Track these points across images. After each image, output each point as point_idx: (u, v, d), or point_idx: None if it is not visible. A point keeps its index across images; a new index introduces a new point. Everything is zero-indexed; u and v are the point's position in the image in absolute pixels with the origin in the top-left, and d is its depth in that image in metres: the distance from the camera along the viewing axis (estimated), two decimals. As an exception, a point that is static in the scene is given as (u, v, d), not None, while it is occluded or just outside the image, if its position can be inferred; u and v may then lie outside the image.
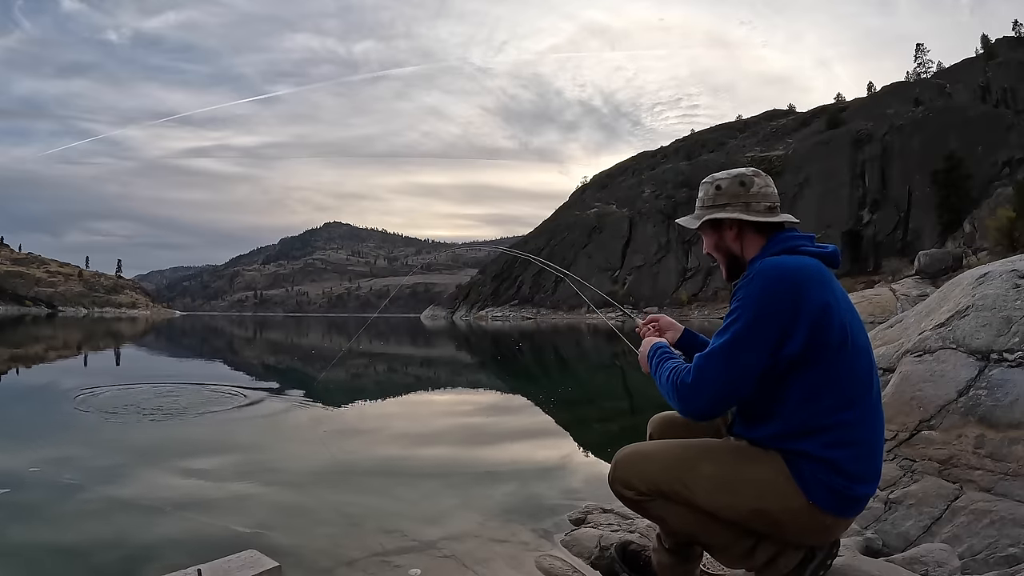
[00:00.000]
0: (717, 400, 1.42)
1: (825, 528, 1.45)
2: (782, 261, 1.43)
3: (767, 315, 1.37)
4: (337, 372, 10.39)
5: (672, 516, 1.54)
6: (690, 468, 1.49)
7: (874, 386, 1.46)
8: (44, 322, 38.81)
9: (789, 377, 1.40)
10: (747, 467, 1.46)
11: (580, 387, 8.93)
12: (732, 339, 1.39)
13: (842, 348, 1.39)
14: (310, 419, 4.99)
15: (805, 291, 1.38)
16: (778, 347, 1.37)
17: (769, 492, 1.43)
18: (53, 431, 4.34)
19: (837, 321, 1.39)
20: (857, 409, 1.41)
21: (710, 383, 1.41)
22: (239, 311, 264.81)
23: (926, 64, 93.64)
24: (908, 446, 2.23)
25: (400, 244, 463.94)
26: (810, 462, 1.40)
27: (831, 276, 1.47)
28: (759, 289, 1.39)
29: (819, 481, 1.39)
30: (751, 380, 1.40)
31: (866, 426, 1.43)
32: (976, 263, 22.14)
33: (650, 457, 1.56)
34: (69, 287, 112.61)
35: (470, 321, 73.41)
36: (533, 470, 3.69)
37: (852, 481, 1.40)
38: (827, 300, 1.39)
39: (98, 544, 2.33)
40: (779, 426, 1.44)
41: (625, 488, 1.55)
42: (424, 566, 2.15)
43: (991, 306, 2.34)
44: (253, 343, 20.55)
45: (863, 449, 1.42)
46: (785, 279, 1.39)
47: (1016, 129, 59.79)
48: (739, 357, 1.38)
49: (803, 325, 1.36)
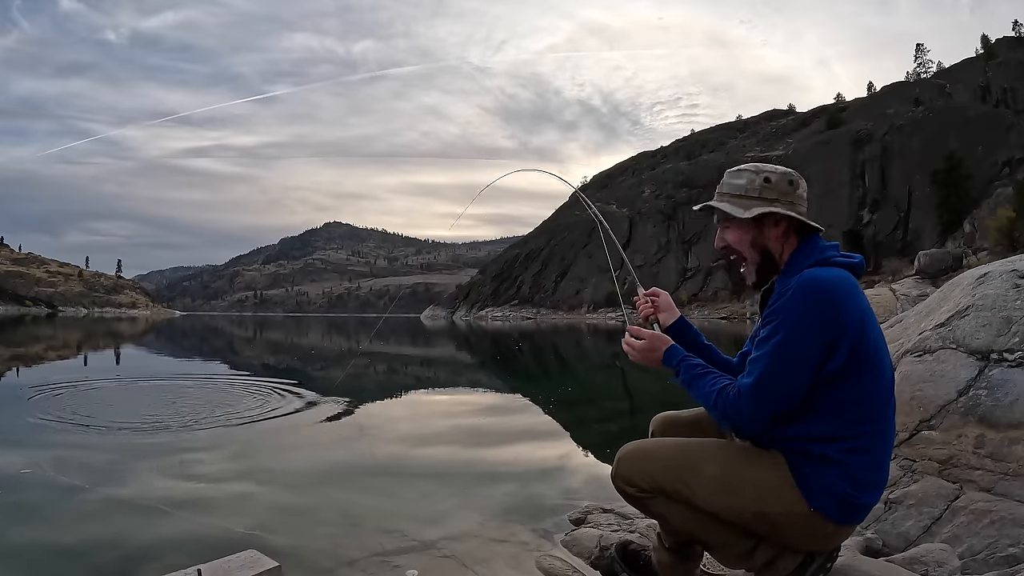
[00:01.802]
0: (769, 419, 1.40)
1: (826, 535, 1.45)
2: (822, 274, 1.39)
3: (813, 332, 1.34)
4: (337, 372, 10.38)
5: (672, 514, 1.54)
6: (692, 468, 1.49)
7: (893, 397, 1.46)
8: (44, 322, 38.80)
9: (823, 389, 1.38)
10: (749, 470, 1.45)
11: (580, 387, 8.93)
12: (780, 357, 1.36)
13: (875, 361, 1.39)
14: (310, 419, 4.99)
15: (845, 306, 1.36)
16: (823, 363, 1.35)
17: (771, 496, 1.42)
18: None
19: (871, 334, 1.39)
20: (879, 421, 1.41)
21: (767, 407, 1.38)
22: (239, 311, 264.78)
23: (926, 64, 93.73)
24: (908, 446, 2.23)
25: (400, 244, 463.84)
26: (822, 464, 1.39)
27: (859, 287, 1.45)
28: (803, 304, 1.36)
29: (824, 488, 1.38)
30: (800, 396, 1.38)
31: (881, 436, 1.42)
32: (976, 263, 22.14)
33: (652, 455, 1.56)
34: (69, 287, 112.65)
35: (470, 321, 73.41)
36: (533, 470, 3.69)
37: (859, 490, 1.39)
38: (863, 314, 1.38)
39: (98, 544, 2.33)
40: (800, 431, 1.42)
41: (627, 485, 1.55)
42: (424, 566, 2.15)
43: (991, 306, 2.34)
44: (254, 343, 20.55)
45: (874, 458, 1.41)
46: (828, 294, 1.36)
47: (1016, 129, 59.80)
48: (787, 375, 1.36)
49: (846, 341, 1.35)
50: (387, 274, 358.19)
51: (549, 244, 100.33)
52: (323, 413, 5.25)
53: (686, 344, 1.70)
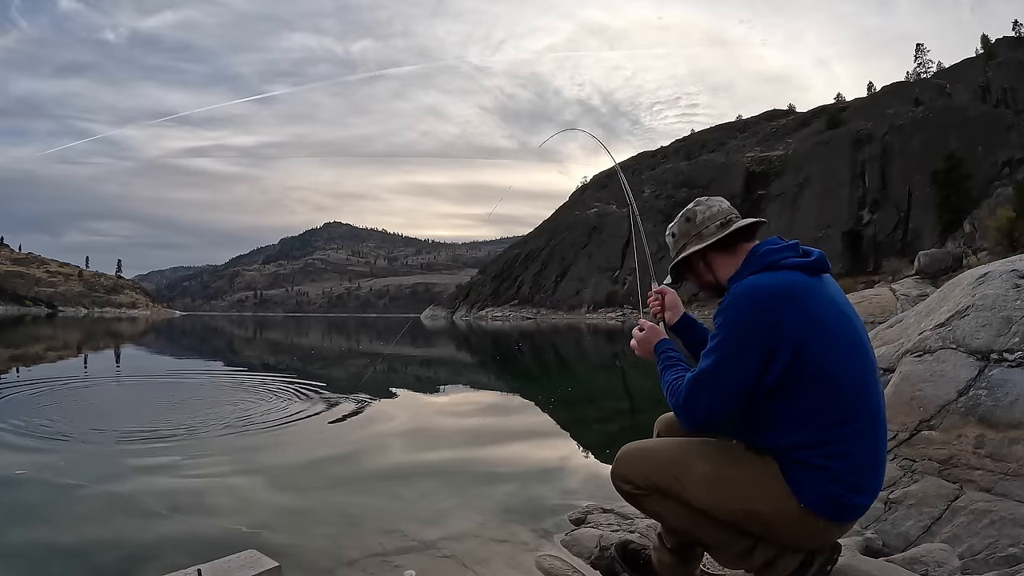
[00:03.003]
0: (707, 420, 1.45)
1: (818, 533, 1.45)
2: (756, 283, 1.42)
3: (747, 340, 1.38)
4: (337, 372, 10.38)
5: (668, 512, 1.56)
6: (684, 465, 1.51)
7: (871, 398, 1.43)
8: (43, 322, 38.80)
9: (778, 397, 1.40)
10: (739, 468, 1.47)
11: (580, 387, 8.93)
12: (716, 364, 1.41)
13: (835, 362, 1.38)
14: (309, 419, 4.99)
15: (783, 312, 1.36)
16: (763, 370, 1.38)
17: (759, 493, 1.43)
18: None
19: (824, 335, 1.38)
20: (855, 422, 1.40)
21: (700, 403, 1.44)
22: (239, 311, 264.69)
23: (926, 64, 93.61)
24: (908, 446, 2.23)
25: (400, 244, 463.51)
26: (806, 469, 1.40)
27: (817, 287, 1.43)
28: (735, 314, 1.40)
29: (814, 487, 1.39)
30: (739, 399, 1.42)
31: (863, 438, 1.40)
32: (976, 263, 22.14)
33: (648, 454, 1.59)
34: (69, 287, 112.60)
35: (470, 321, 73.41)
36: (533, 470, 3.68)
37: (849, 491, 1.39)
38: (809, 316, 1.38)
39: (98, 544, 2.33)
40: (775, 439, 1.44)
41: (623, 482, 1.59)
42: (424, 566, 2.15)
43: (991, 306, 2.34)
44: (254, 343, 20.55)
45: (860, 462, 1.40)
46: (760, 302, 1.38)
47: (1016, 129, 59.77)
48: (723, 380, 1.40)
49: (785, 349, 1.36)
50: (387, 274, 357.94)
51: (549, 244, 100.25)
52: (323, 413, 5.25)
53: (691, 340, 1.77)
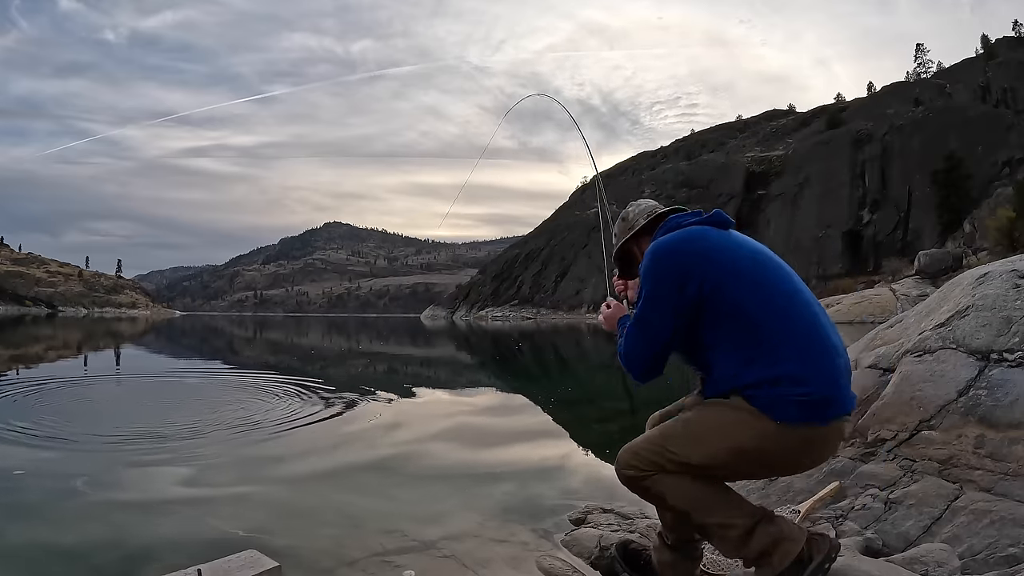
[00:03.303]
0: (643, 363, 1.65)
1: (809, 442, 1.52)
2: (662, 240, 1.66)
3: (659, 281, 1.59)
4: (337, 372, 10.39)
5: (670, 490, 1.59)
6: (669, 434, 1.62)
7: (799, 300, 1.56)
8: (43, 322, 38.80)
9: (704, 324, 1.56)
10: (712, 414, 1.57)
11: (580, 387, 8.93)
12: (639, 310, 1.64)
13: (743, 280, 1.55)
14: (310, 419, 4.99)
15: (685, 257, 1.58)
16: (678, 305, 1.56)
17: (737, 428, 1.51)
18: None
19: (728, 258, 1.58)
20: (782, 326, 1.51)
21: (635, 351, 1.65)
22: (239, 311, 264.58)
23: (926, 64, 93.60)
24: (908, 446, 2.23)
25: (400, 244, 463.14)
26: (763, 388, 1.48)
27: (717, 235, 1.65)
28: (645, 264, 1.63)
29: (776, 399, 1.47)
30: (666, 337, 1.59)
31: (801, 336, 1.51)
32: (976, 263, 22.16)
33: (640, 440, 1.68)
34: (69, 287, 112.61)
35: (470, 321, 73.42)
36: (533, 470, 3.69)
37: (807, 386, 1.46)
38: (709, 246, 1.59)
39: (98, 544, 2.33)
40: (728, 382, 1.55)
41: (625, 468, 1.65)
42: (424, 566, 2.15)
43: (991, 306, 2.34)
44: (254, 343, 20.56)
45: (807, 356, 1.50)
46: (662, 247, 1.62)
47: (1016, 129, 59.75)
48: (649, 322, 1.61)
49: (691, 285, 1.54)
50: (387, 274, 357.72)
51: (549, 244, 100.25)
52: (323, 413, 5.25)
53: None
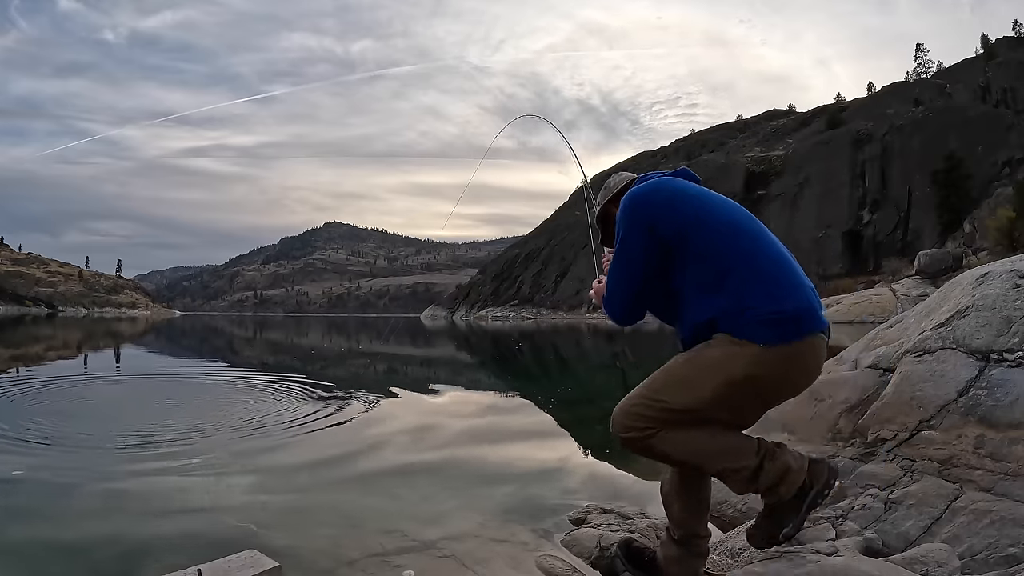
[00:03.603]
0: (622, 300, 1.77)
1: (791, 360, 1.56)
2: (632, 189, 1.79)
3: (631, 225, 1.70)
4: (337, 371, 10.38)
5: (673, 445, 1.62)
6: (661, 385, 1.65)
7: (764, 239, 1.66)
8: (43, 322, 38.80)
9: (676, 267, 1.66)
10: (699, 356, 1.61)
11: (580, 387, 8.93)
12: (616, 254, 1.76)
13: (706, 219, 1.66)
14: (310, 419, 4.99)
15: (651, 198, 1.71)
16: (649, 246, 1.67)
17: (724, 362, 1.55)
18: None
19: (691, 202, 1.70)
20: (750, 262, 1.60)
21: (613, 287, 1.77)
22: (239, 311, 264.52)
23: (926, 64, 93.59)
24: (908, 446, 2.23)
25: (400, 244, 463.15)
26: (736, 317, 1.55)
27: (680, 184, 1.77)
28: (620, 213, 1.75)
29: (751, 322, 1.53)
30: (639, 278, 1.71)
31: (769, 269, 1.60)
32: (976, 263, 22.15)
33: (631, 397, 1.70)
34: (69, 287, 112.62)
35: (470, 321, 73.40)
36: (533, 470, 3.68)
37: (777, 304, 1.54)
38: (673, 193, 1.72)
39: (98, 544, 2.33)
40: (693, 312, 1.64)
41: (625, 431, 1.66)
42: (424, 566, 2.15)
43: (991, 306, 2.34)
44: (255, 343, 20.55)
45: (775, 284, 1.57)
46: (634, 199, 1.73)
47: (1016, 129, 59.73)
48: (622, 262, 1.73)
49: (662, 220, 1.66)
50: (387, 274, 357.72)
51: (549, 244, 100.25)
52: (322, 413, 5.25)
53: None
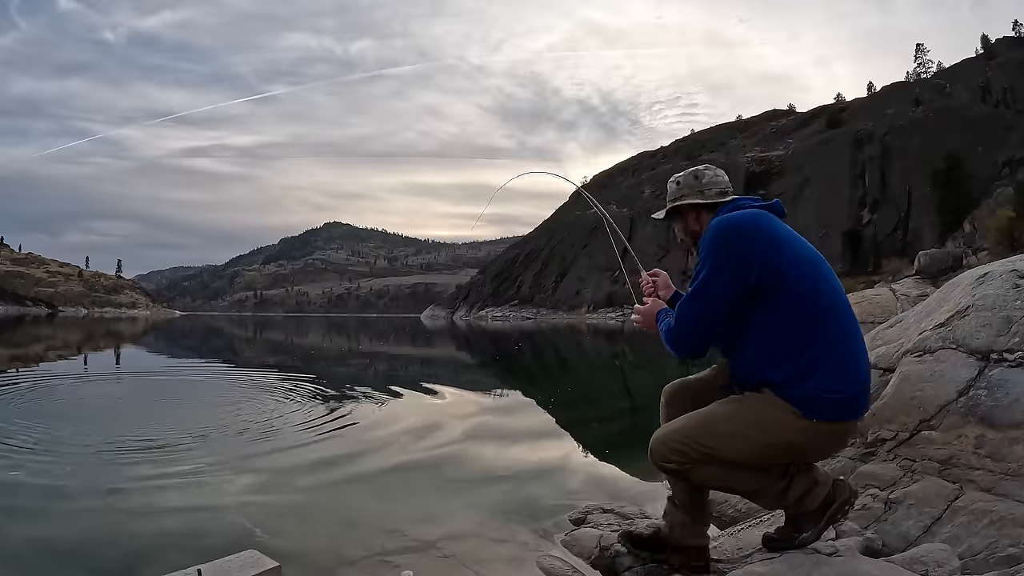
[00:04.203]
0: (695, 334, 1.71)
1: (838, 436, 1.68)
2: (728, 217, 1.71)
3: (723, 255, 1.64)
4: (338, 371, 10.38)
5: (711, 477, 1.71)
6: (707, 431, 1.68)
7: (840, 303, 1.66)
8: (44, 322, 38.80)
9: (755, 308, 1.63)
10: (751, 411, 1.64)
11: (580, 387, 8.93)
12: (699, 282, 1.67)
13: (800, 274, 1.62)
14: (309, 419, 4.99)
15: (750, 230, 1.65)
16: (740, 281, 1.61)
17: (775, 426, 1.61)
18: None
19: (789, 249, 1.65)
20: (826, 331, 1.61)
21: (687, 320, 1.70)
22: (239, 311, 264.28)
23: (926, 64, 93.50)
24: (908, 446, 2.23)
25: (400, 244, 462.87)
26: (799, 389, 1.58)
27: (777, 221, 1.72)
28: (711, 239, 1.67)
29: (812, 400, 1.58)
30: (720, 314, 1.65)
31: (839, 339, 1.62)
32: (976, 263, 22.11)
33: (675, 432, 1.73)
34: (69, 287, 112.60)
35: (470, 321, 73.41)
36: (533, 470, 3.68)
37: (842, 384, 1.59)
38: (774, 234, 1.66)
39: (98, 544, 2.34)
40: (764, 373, 1.63)
41: (664, 463, 1.73)
42: (424, 566, 2.15)
43: (991, 306, 2.34)
44: (255, 343, 20.55)
45: (841, 359, 1.61)
46: (732, 226, 1.66)
47: (1016, 129, 59.69)
48: (706, 295, 1.66)
49: (757, 257, 1.61)
50: (387, 274, 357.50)
51: (549, 244, 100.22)
52: (322, 413, 5.25)
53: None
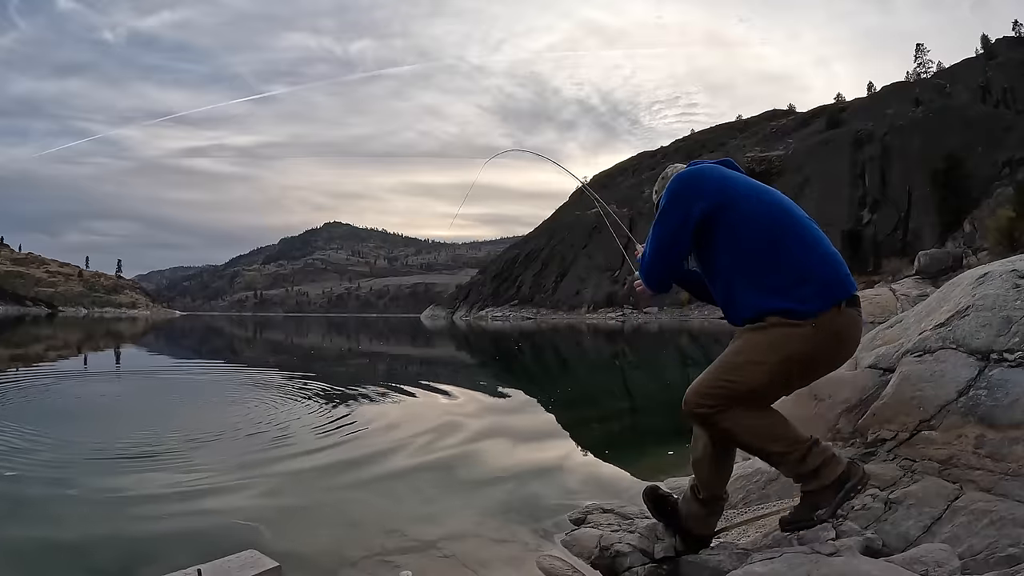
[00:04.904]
0: (655, 267, 1.97)
1: (837, 333, 1.80)
2: (677, 173, 1.98)
3: (676, 198, 1.89)
4: (337, 371, 10.38)
5: (737, 424, 1.83)
6: (726, 367, 1.85)
7: (792, 210, 1.88)
8: (44, 322, 38.80)
9: (716, 243, 1.86)
10: (758, 337, 1.81)
11: (580, 387, 8.93)
12: (656, 222, 1.94)
13: (747, 195, 1.86)
14: (309, 418, 4.99)
15: (691, 175, 1.93)
16: (684, 216, 1.86)
17: (782, 341, 1.77)
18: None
19: (738, 181, 1.90)
20: (783, 232, 1.81)
21: (649, 255, 1.97)
22: (239, 311, 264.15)
23: (926, 64, 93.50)
24: (908, 446, 2.23)
25: (400, 244, 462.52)
26: (785, 298, 1.76)
27: (728, 171, 1.97)
28: (669, 188, 1.95)
29: (805, 301, 1.75)
30: (672, 247, 1.91)
31: (799, 239, 1.82)
32: (976, 263, 22.13)
33: (701, 380, 1.89)
34: (69, 287, 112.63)
35: (470, 321, 73.42)
36: (533, 470, 3.69)
37: (813, 277, 1.78)
38: (718, 173, 1.92)
39: (98, 544, 2.34)
40: (746, 297, 1.83)
41: (697, 408, 1.86)
42: (424, 566, 2.15)
43: (991, 306, 2.34)
44: (255, 343, 20.55)
45: (806, 256, 1.80)
46: (679, 177, 1.94)
47: (1016, 129, 59.69)
48: (657, 231, 1.92)
49: (699, 195, 1.86)
50: (387, 274, 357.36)
51: (549, 244, 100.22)
52: (322, 412, 5.25)
53: (685, 278, 2.19)
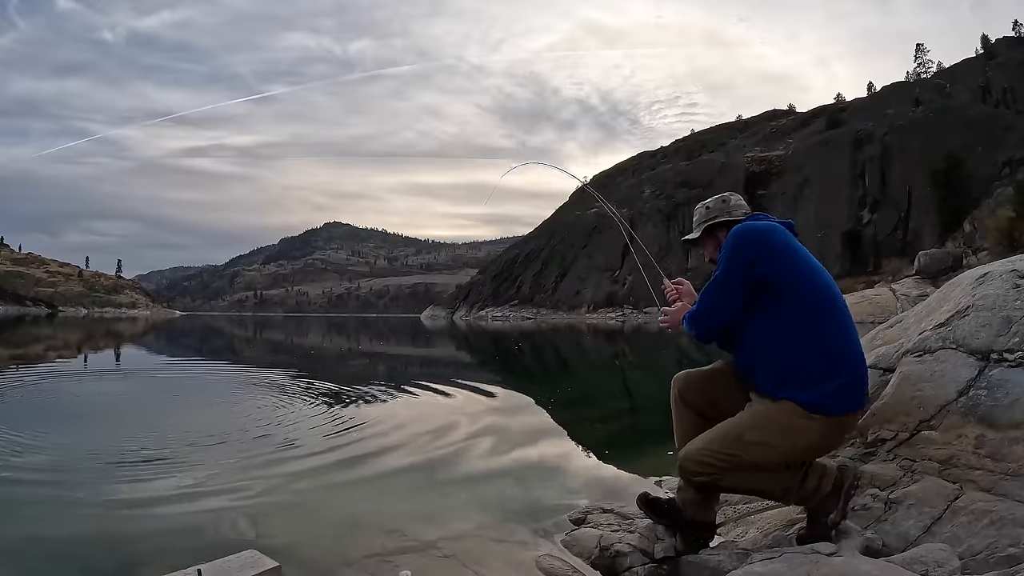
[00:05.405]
0: (709, 320, 1.97)
1: (844, 429, 1.92)
2: (743, 223, 1.98)
3: (737, 255, 1.89)
4: (337, 371, 10.38)
5: (740, 482, 1.94)
6: (735, 441, 1.87)
7: (838, 302, 1.91)
8: (43, 322, 38.80)
9: (759, 306, 1.87)
10: (772, 420, 1.85)
11: (580, 387, 8.93)
12: (715, 275, 1.94)
13: (804, 277, 1.87)
14: (309, 418, 4.99)
15: (764, 235, 1.91)
16: (746, 275, 1.86)
17: (795, 431, 1.83)
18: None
19: (800, 255, 1.90)
20: (823, 323, 1.84)
21: (704, 307, 1.97)
22: (239, 311, 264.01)
23: (926, 64, 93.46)
24: (908, 446, 2.23)
25: (400, 244, 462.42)
26: (811, 391, 1.80)
27: (790, 234, 1.97)
28: (728, 240, 1.94)
29: (826, 400, 1.80)
30: (729, 303, 1.90)
31: (837, 337, 1.85)
32: (976, 263, 22.14)
33: (705, 447, 1.91)
34: (69, 287, 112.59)
35: (470, 321, 73.40)
36: (533, 470, 3.69)
37: (851, 379, 1.83)
38: (786, 241, 1.92)
39: (97, 544, 2.34)
40: (778, 370, 1.85)
41: (694, 476, 1.93)
42: (423, 566, 2.15)
43: (991, 306, 2.34)
44: (255, 343, 20.54)
45: (838, 357, 1.83)
46: (746, 228, 1.93)
47: (1016, 129, 59.65)
48: (718, 284, 1.93)
49: (764, 255, 1.86)
50: (387, 274, 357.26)
51: (549, 244, 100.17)
52: (322, 412, 5.25)
53: None
